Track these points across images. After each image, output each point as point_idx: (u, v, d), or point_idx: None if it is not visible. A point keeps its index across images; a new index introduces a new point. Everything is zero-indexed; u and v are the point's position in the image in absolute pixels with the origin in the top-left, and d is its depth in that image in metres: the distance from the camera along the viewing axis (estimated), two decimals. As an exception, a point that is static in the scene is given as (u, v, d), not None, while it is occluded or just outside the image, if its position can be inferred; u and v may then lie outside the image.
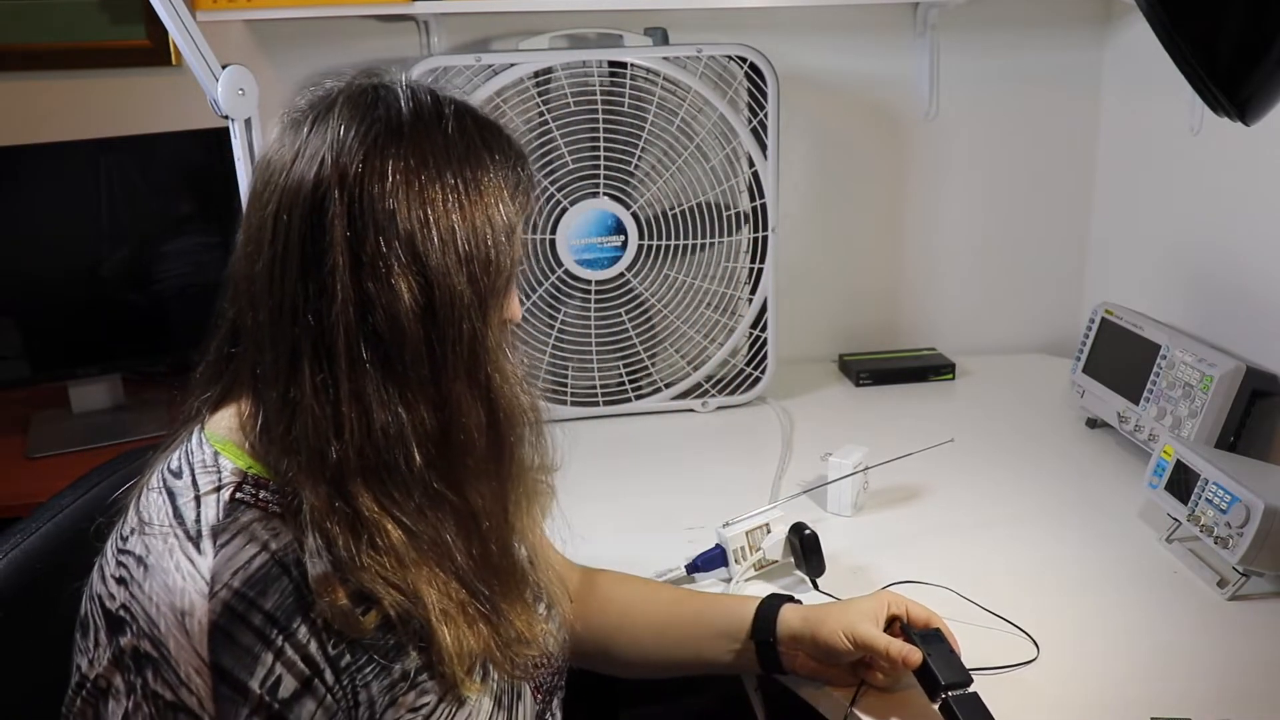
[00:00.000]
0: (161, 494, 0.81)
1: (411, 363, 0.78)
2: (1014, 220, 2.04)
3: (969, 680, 1.00)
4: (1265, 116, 0.83)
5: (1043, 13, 1.92)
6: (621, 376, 1.78)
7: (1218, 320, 1.63)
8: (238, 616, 0.75)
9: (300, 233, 0.77)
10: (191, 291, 1.79)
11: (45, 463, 1.66)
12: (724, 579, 1.27)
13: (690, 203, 1.72)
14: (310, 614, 0.76)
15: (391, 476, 0.79)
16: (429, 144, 0.79)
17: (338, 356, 0.77)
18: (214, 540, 0.77)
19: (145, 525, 0.80)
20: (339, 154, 0.77)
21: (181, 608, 0.75)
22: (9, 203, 1.68)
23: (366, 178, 0.77)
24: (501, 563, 0.85)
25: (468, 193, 0.80)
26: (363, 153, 0.77)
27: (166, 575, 0.76)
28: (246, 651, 0.74)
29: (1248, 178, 1.58)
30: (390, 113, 0.80)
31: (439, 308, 0.78)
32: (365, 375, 0.77)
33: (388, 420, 0.78)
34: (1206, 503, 1.25)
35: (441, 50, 1.81)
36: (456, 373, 0.80)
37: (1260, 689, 1.07)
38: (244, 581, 0.75)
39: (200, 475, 0.81)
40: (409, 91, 0.82)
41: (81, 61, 1.82)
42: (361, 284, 0.77)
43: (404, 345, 0.78)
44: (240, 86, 1.42)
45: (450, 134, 0.81)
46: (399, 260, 0.77)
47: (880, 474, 1.44)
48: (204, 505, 0.79)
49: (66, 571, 0.85)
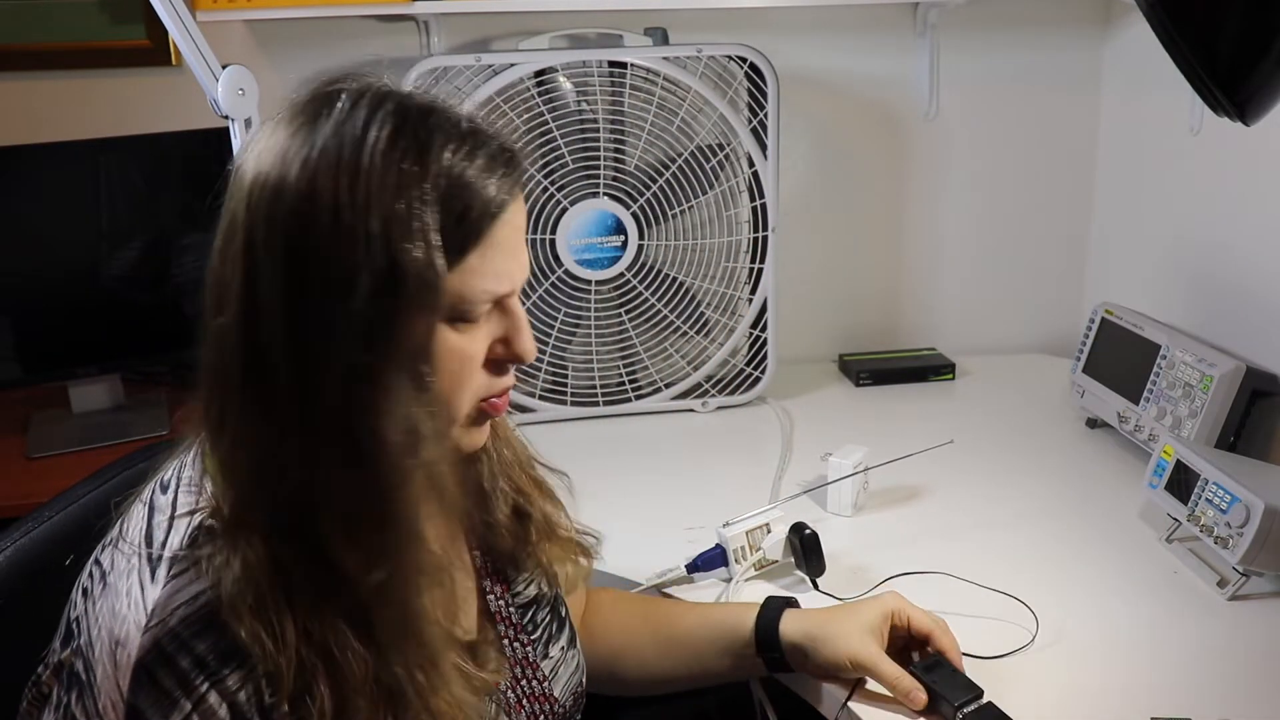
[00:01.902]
0: (144, 508, 0.79)
1: (284, 408, 0.72)
2: (1014, 220, 2.04)
3: (980, 692, 1.01)
4: (1265, 116, 0.83)
5: (1043, 13, 1.92)
6: (621, 376, 1.78)
7: (1218, 320, 1.63)
8: (165, 657, 0.70)
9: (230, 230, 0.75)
10: (191, 291, 1.79)
11: (45, 463, 1.65)
12: (724, 579, 1.27)
13: (690, 202, 1.72)
14: (249, 662, 0.70)
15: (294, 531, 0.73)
16: (344, 163, 0.72)
17: (233, 385, 0.73)
18: (169, 569, 0.73)
19: (120, 538, 0.78)
20: (281, 166, 0.73)
21: (118, 636, 0.72)
22: (9, 203, 1.68)
23: (289, 193, 0.72)
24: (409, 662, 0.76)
25: (383, 224, 0.71)
26: (298, 169, 0.72)
27: (117, 599, 0.74)
28: (165, 695, 0.70)
29: (1248, 178, 1.58)
30: (318, 127, 0.73)
31: (311, 338, 0.71)
32: (254, 413, 0.73)
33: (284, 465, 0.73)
34: (1206, 503, 1.25)
35: (441, 50, 1.81)
36: (327, 434, 0.72)
37: (1260, 689, 1.07)
38: (182, 620, 0.71)
39: (183, 495, 0.77)
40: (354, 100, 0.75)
41: (81, 61, 1.82)
42: (254, 302, 0.72)
43: (277, 390, 0.72)
44: (240, 86, 1.42)
45: (371, 153, 0.72)
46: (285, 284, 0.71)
47: (880, 474, 1.44)
48: (174, 529, 0.75)
49: (65, 572, 0.85)
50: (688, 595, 1.26)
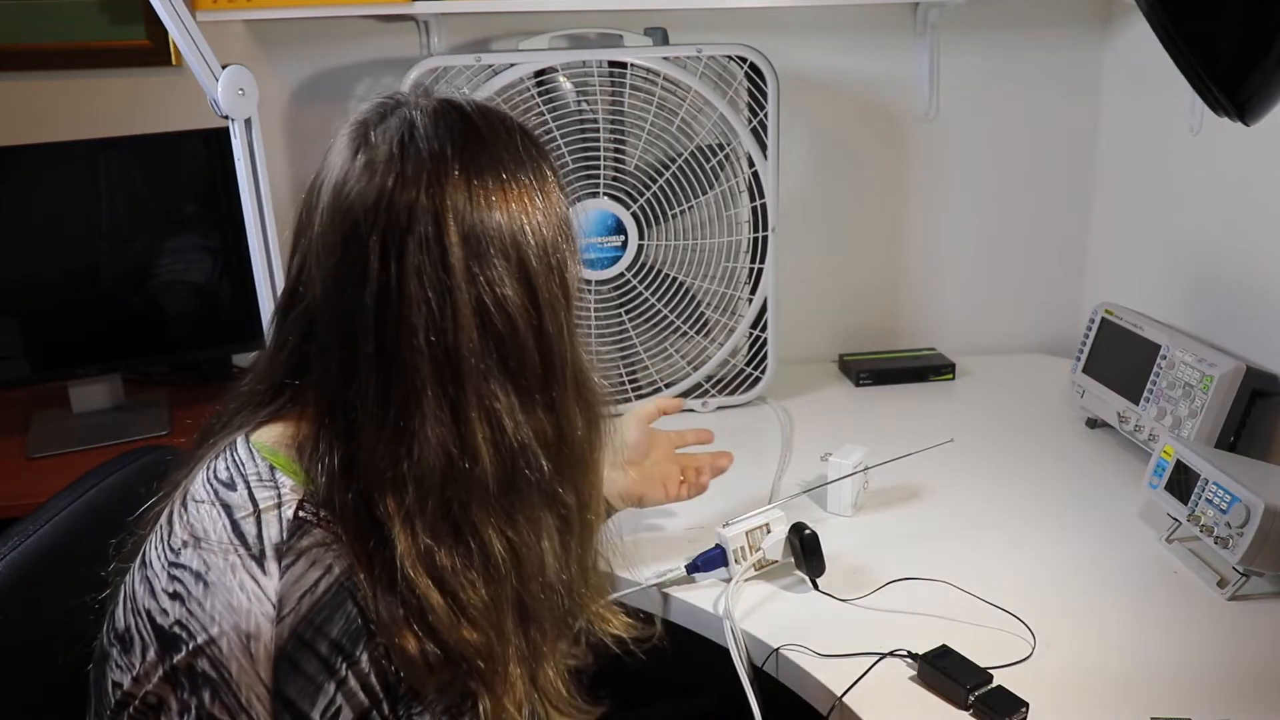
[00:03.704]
0: (215, 507, 0.78)
1: (529, 369, 0.80)
2: (1014, 220, 2.04)
3: (990, 676, 1.04)
4: (1265, 116, 0.83)
5: (1043, 13, 1.92)
6: (621, 376, 1.78)
7: (1218, 320, 1.63)
8: (305, 644, 0.73)
9: (414, 259, 0.76)
10: (191, 291, 1.79)
11: (45, 463, 1.65)
12: (724, 579, 1.27)
13: (690, 202, 1.72)
14: (373, 641, 0.75)
15: (517, 489, 0.79)
16: (507, 153, 0.81)
17: (467, 375, 0.77)
18: (279, 560, 0.75)
19: (200, 540, 0.77)
20: (439, 176, 0.77)
21: (247, 630, 0.73)
22: (9, 203, 1.68)
23: (473, 196, 0.78)
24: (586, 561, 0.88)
25: (542, 193, 0.81)
26: (462, 172, 0.78)
27: (230, 594, 0.74)
28: (310, 681, 0.73)
29: (1248, 178, 1.58)
30: (468, 127, 0.81)
31: (543, 309, 0.80)
32: (494, 389, 0.78)
33: (518, 429, 0.79)
34: (1206, 503, 1.25)
35: (441, 50, 1.81)
36: (563, 373, 0.82)
37: (1260, 689, 1.07)
38: (311, 606, 0.74)
39: (258, 490, 0.78)
40: (471, 104, 0.83)
41: (82, 61, 1.82)
42: (480, 299, 0.77)
43: (522, 352, 0.79)
44: (240, 86, 1.41)
45: (515, 140, 0.82)
46: (508, 270, 0.78)
47: (880, 474, 1.44)
48: (265, 523, 0.76)
49: (64, 573, 0.85)
50: (688, 595, 1.26)
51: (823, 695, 1.09)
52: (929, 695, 1.06)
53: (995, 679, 1.05)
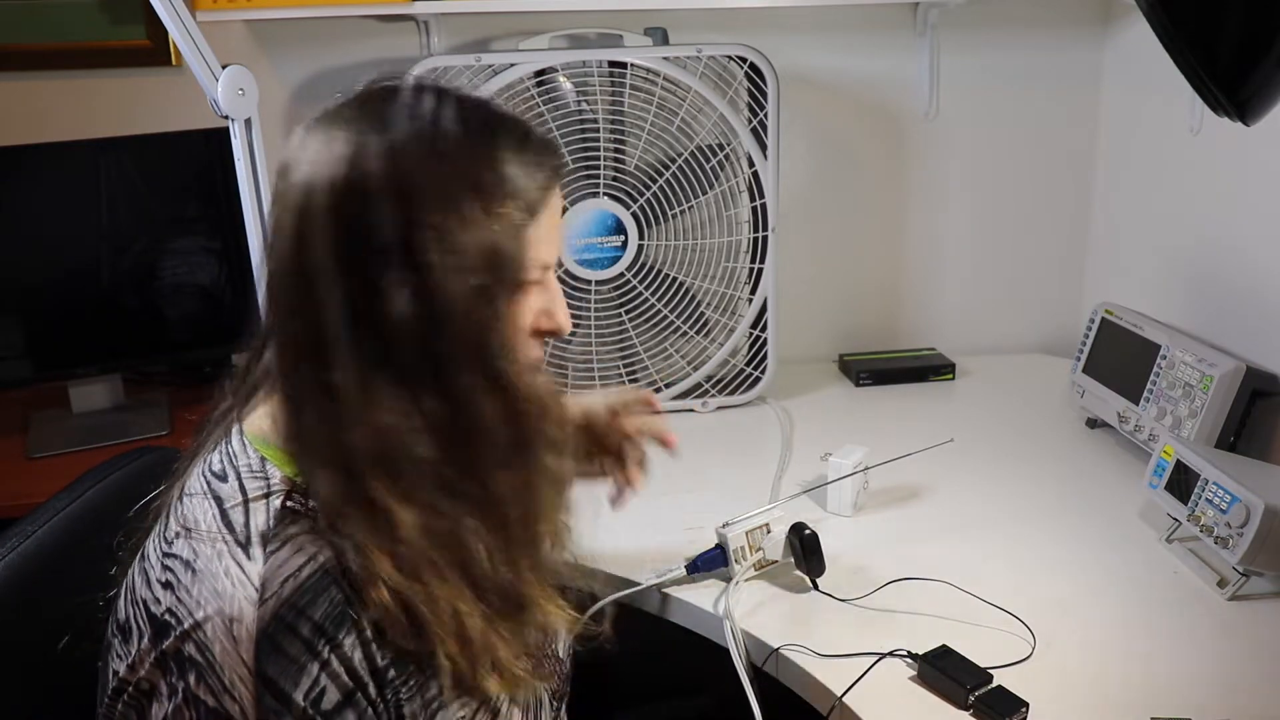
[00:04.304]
0: (206, 498, 0.81)
1: (413, 358, 0.78)
2: (1014, 220, 2.03)
3: (990, 677, 1.04)
4: (1265, 116, 0.83)
5: (1043, 13, 1.92)
6: (621, 376, 1.78)
7: (1218, 320, 1.63)
8: (286, 626, 0.74)
9: (309, 231, 0.77)
10: (192, 291, 1.79)
11: (45, 463, 1.65)
12: (724, 579, 1.27)
13: (690, 202, 1.72)
14: (358, 625, 0.76)
15: (402, 467, 0.78)
16: (435, 146, 0.79)
17: (343, 353, 0.77)
18: (263, 547, 0.77)
19: (191, 530, 0.80)
20: (356, 159, 0.77)
21: (230, 614, 0.75)
22: (9, 203, 1.68)
23: (375, 181, 0.77)
24: (525, 553, 0.85)
25: (471, 194, 0.79)
26: (377, 158, 0.77)
27: (215, 580, 0.76)
28: (293, 662, 0.74)
29: (1248, 178, 1.58)
30: (399, 117, 0.80)
31: (438, 306, 0.78)
32: (373, 370, 0.77)
33: (396, 412, 0.78)
34: (1206, 503, 1.25)
35: (441, 50, 1.81)
36: (460, 367, 0.79)
37: (1260, 689, 1.07)
38: (294, 590, 0.75)
39: (248, 480, 0.81)
40: (416, 93, 0.82)
41: (82, 61, 1.82)
42: (365, 283, 0.77)
43: (404, 342, 0.78)
44: (240, 86, 1.42)
45: (454, 136, 0.80)
46: (398, 260, 0.77)
47: (880, 474, 1.44)
48: (253, 512, 0.79)
49: (64, 573, 0.85)
50: (688, 595, 1.26)
51: (823, 695, 1.09)
52: (929, 695, 1.06)
53: (995, 679, 1.05)
